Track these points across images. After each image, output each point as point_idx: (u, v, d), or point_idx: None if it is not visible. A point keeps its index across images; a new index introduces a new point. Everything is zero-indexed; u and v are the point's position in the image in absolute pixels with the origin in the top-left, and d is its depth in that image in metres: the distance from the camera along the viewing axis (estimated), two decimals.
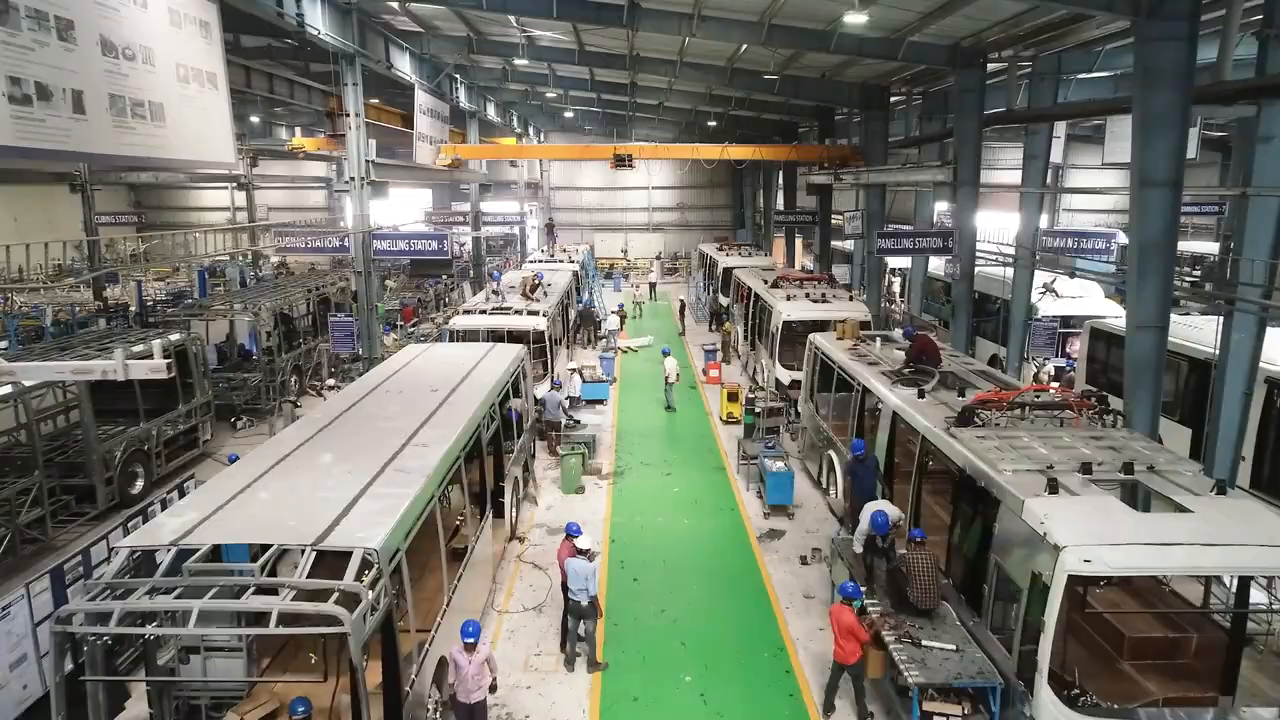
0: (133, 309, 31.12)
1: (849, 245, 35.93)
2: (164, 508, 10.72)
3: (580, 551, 9.77)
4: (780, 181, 38.75)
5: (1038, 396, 10.20)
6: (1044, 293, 19.07)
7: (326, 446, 9.33)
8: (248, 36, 24.60)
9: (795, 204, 36.89)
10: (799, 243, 39.04)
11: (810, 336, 16.43)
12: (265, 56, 27.22)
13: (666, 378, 20.77)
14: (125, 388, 15.41)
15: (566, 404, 19.39)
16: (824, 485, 15.05)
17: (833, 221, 31.28)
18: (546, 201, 50.97)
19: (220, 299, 24.72)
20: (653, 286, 44.05)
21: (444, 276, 38.04)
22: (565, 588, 9.75)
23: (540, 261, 31.20)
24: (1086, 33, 15.86)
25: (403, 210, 46.21)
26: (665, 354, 21.37)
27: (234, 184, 47.24)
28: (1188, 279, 29.26)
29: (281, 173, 51.04)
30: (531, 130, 45.44)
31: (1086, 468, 8.17)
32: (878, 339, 14.87)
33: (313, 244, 17.87)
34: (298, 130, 45.22)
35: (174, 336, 16.63)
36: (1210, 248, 34.76)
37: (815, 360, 15.94)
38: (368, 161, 17.66)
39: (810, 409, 16.20)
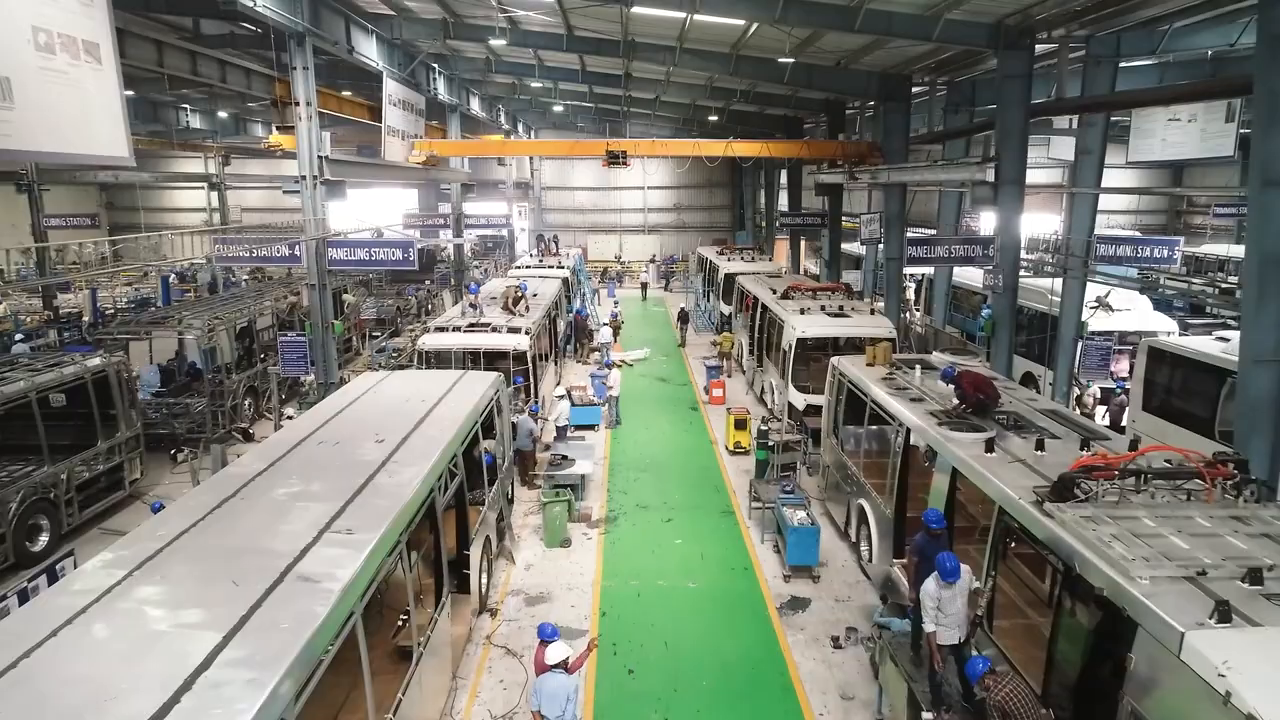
0: (85, 319, 28.91)
1: (858, 249, 33.72)
2: (22, 601, 8.41)
3: (556, 664, 7.47)
4: (784, 181, 36.49)
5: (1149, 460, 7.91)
6: (1096, 307, 16.82)
7: (221, 531, 7.02)
8: (208, 21, 22.30)
9: (800, 205, 34.71)
10: (803, 245, 36.78)
11: (833, 362, 14.16)
12: (228, 45, 24.89)
13: None
14: (30, 421, 13.18)
15: (554, 432, 17.16)
16: (853, 538, 12.78)
17: (843, 224, 29.03)
18: (538, 202, 48.62)
19: (173, 309, 22.46)
20: (644, 286, 42.17)
21: (427, 283, 35.66)
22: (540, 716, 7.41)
23: (527, 267, 28.85)
24: (1155, 7, 13.64)
25: (385, 212, 43.92)
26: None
27: (206, 184, 44.94)
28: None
29: (260, 172, 48.53)
30: (521, 127, 43.06)
31: (1255, 576, 5.90)
32: (917, 367, 12.58)
33: (258, 252, 15.52)
34: (275, 127, 42.81)
35: (93, 362, 14.30)
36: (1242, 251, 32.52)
37: (840, 389, 13.67)
38: (320, 157, 15.33)
39: (833, 445, 13.94)
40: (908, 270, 26.59)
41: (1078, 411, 16.41)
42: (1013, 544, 7.85)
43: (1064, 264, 16.30)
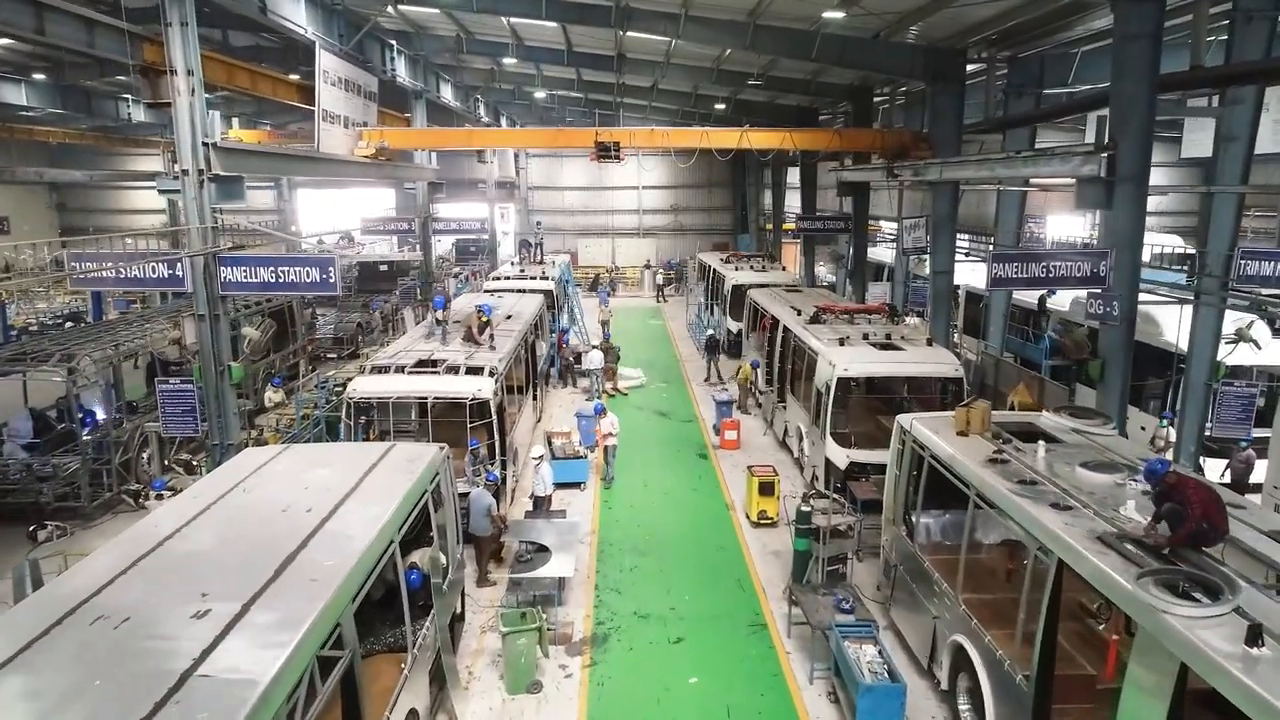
0: None
1: (883, 257, 30.00)
2: None
3: None
4: (797, 179, 32.72)
5: None
6: (1235, 341, 13.08)
7: None
8: None
9: (814, 206, 31.00)
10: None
11: (902, 422, 10.36)
12: (154, 20, 20.95)
13: None
14: None
15: (528, 505, 13.36)
16: (941, 681, 8.97)
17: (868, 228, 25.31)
18: (524, 203, 44.70)
19: (75, 333, 18.55)
20: (660, 289, 39.67)
21: (395, 295, 31.69)
22: None
23: (506, 279, 24.91)
24: None
25: (361, 215, 39.96)
26: None
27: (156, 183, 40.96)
28: None
29: None
30: (504, 122, 39.16)
31: None
32: (1040, 444, 8.78)
33: (127, 273, 11.66)
34: (235, 121, 38.81)
35: None
36: None
37: (914, 461, 9.92)
38: (206, 145, 11.47)
39: (903, 538, 10.15)
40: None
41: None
42: None
43: (1197, 286, 12.55)
